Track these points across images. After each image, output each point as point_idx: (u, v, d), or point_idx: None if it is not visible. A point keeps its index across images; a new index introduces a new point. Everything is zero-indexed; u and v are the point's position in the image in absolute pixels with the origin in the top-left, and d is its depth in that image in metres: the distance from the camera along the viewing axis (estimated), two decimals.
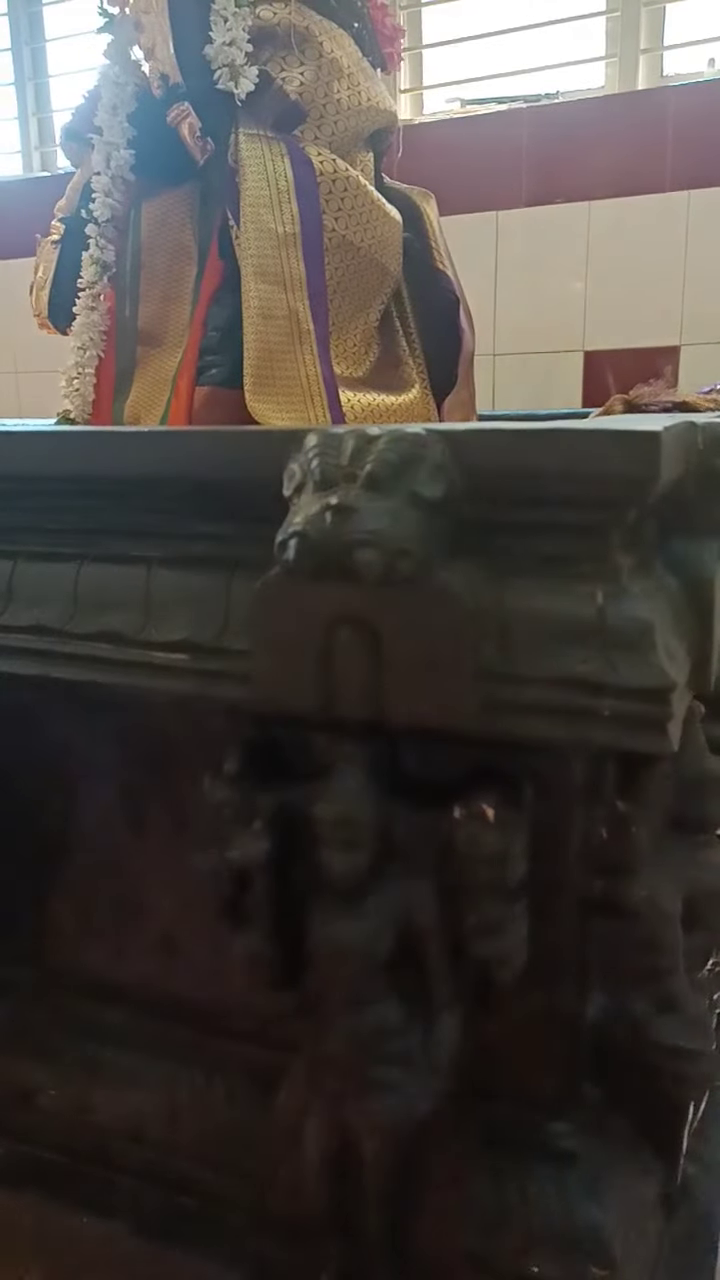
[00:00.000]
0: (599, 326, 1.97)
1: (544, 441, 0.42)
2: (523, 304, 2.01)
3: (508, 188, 1.97)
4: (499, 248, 2.01)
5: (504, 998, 0.50)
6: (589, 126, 1.92)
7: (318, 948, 0.46)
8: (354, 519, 0.41)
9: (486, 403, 2.05)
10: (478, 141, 1.98)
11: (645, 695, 0.41)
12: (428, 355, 1.30)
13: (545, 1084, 0.53)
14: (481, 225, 2.00)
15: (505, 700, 0.43)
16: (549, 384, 2.05)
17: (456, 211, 2.01)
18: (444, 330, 1.29)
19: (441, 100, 2.15)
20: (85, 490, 0.53)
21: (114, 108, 1.05)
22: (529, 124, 1.94)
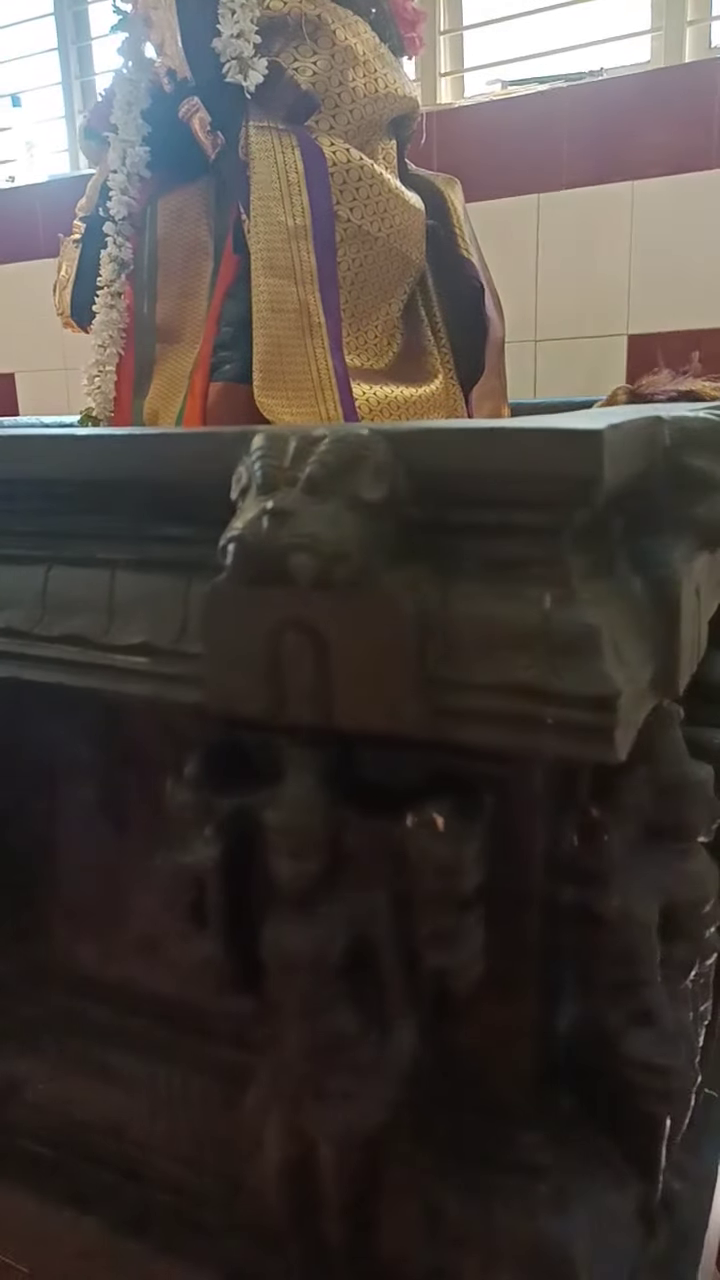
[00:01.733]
0: (644, 309, 1.92)
1: (484, 441, 0.41)
2: (565, 288, 1.97)
3: (549, 169, 1.93)
4: (540, 231, 1.97)
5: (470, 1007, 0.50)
6: (633, 103, 1.86)
7: (269, 955, 0.46)
8: (290, 523, 0.41)
9: (528, 390, 2.02)
10: (517, 123, 1.94)
11: (590, 703, 0.40)
12: (454, 344, 1.28)
13: (515, 1095, 0.52)
14: (522, 208, 1.97)
15: (450, 707, 0.42)
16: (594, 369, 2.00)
17: (497, 195, 1.98)
18: (470, 319, 1.27)
19: (483, 82, 2.11)
20: (52, 493, 0.53)
21: (128, 105, 1.05)
22: (569, 104, 1.89)
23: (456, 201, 1.27)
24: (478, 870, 0.45)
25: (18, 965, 0.67)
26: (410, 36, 1.20)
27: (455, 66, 2.13)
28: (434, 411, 1.19)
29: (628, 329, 1.95)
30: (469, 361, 1.27)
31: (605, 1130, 0.53)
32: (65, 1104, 0.61)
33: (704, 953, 0.55)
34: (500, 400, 1.43)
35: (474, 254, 1.27)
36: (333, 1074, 0.46)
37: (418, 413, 1.14)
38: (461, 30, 2.10)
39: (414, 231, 1.17)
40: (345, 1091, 0.46)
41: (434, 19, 2.10)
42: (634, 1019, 0.51)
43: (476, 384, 1.29)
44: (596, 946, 0.51)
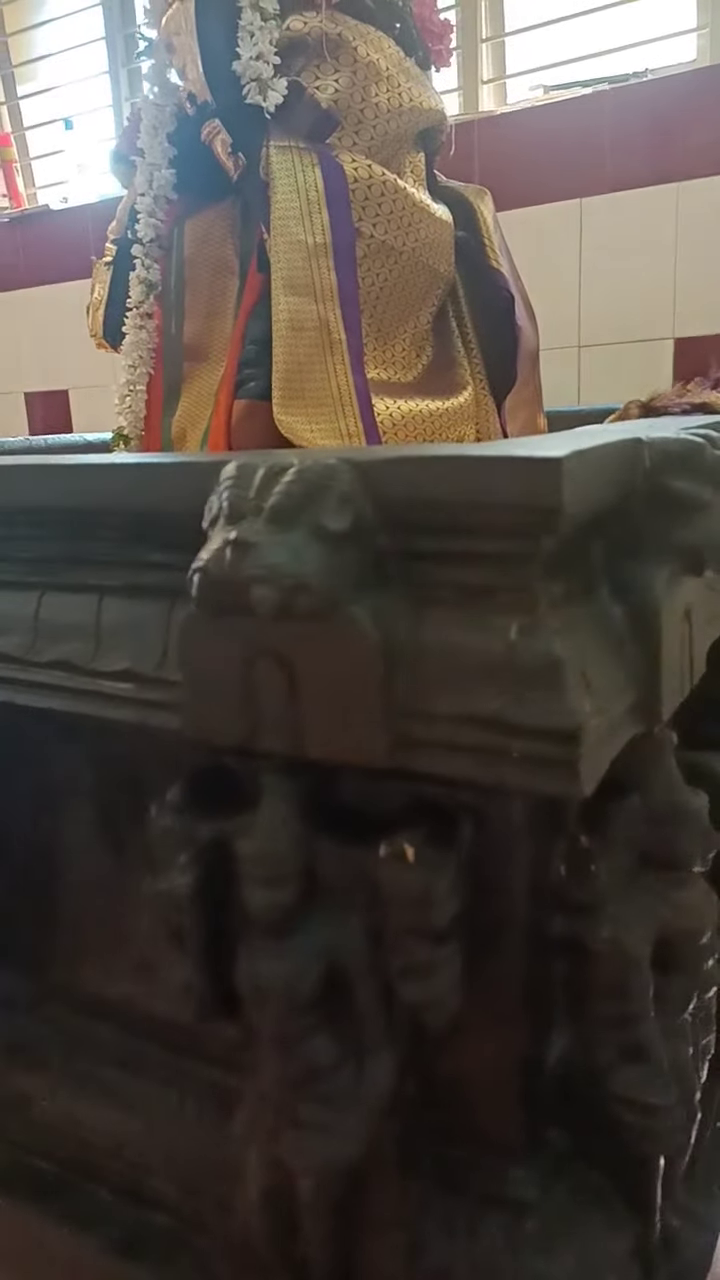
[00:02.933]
0: (691, 311, 1.88)
1: (446, 469, 0.40)
2: (609, 292, 1.94)
3: (591, 173, 1.91)
4: (583, 236, 1.95)
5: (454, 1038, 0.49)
6: (679, 103, 1.83)
7: (242, 984, 0.46)
8: (251, 554, 0.41)
9: (571, 397, 1.99)
10: (559, 128, 1.93)
11: (552, 736, 0.39)
12: (485, 355, 1.27)
13: (503, 1128, 0.51)
14: (565, 214, 1.95)
15: (416, 737, 0.42)
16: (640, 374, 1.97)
17: (539, 201, 1.97)
18: (501, 329, 1.26)
19: (526, 88, 2.10)
20: (44, 521, 0.54)
21: (155, 129, 1.07)
22: (613, 106, 1.87)
23: (486, 212, 1.26)
24: (452, 902, 0.44)
25: (28, 983, 0.68)
26: (437, 49, 1.19)
27: (497, 73, 2.11)
28: (462, 423, 1.19)
29: (674, 332, 1.91)
30: (501, 372, 1.26)
31: (598, 1167, 0.52)
32: (68, 1122, 0.62)
33: (703, 986, 0.53)
34: (535, 409, 1.41)
35: (504, 264, 1.26)
36: (308, 1104, 0.46)
37: (444, 425, 1.14)
38: (504, 37, 2.09)
39: (441, 244, 1.17)
40: (321, 1123, 0.46)
41: (476, 26, 2.09)
42: (624, 1054, 0.50)
43: (509, 394, 1.28)
44: (586, 979, 0.50)
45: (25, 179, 2.79)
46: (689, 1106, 0.53)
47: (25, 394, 2.76)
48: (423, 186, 1.22)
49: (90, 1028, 0.64)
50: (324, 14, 1.01)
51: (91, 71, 2.52)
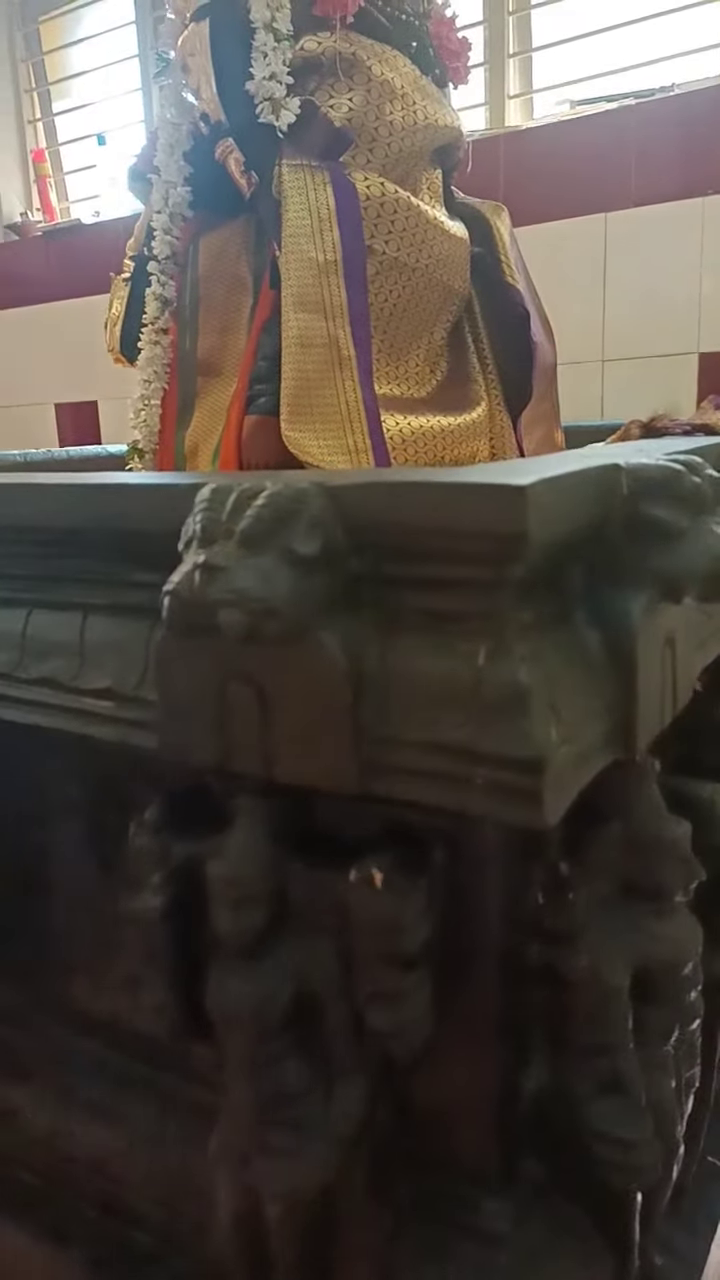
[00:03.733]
0: (715, 326, 1.87)
1: (414, 495, 0.40)
2: (633, 307, 1.93)
3: (617, 188, 1.90)
4: (607, 251, 1.94)
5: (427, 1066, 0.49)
6: (702, 118, 1.82)
7: (211, 1006, 0.46)
8: (220, 578, 0.41)
9: (593, 412, 1.98)
10: (585, 143, 1.92)
11: (516, 765, 0.38)
12: (501, 371, 1.27)
13: (478, 1159, 0.51)
14: (589, 228, 1.94)
15: (385, 763, 0.41)
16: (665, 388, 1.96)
17: (563, 215, 1.96)
18: (516, 345, 1.26)
19: (552, 103, 2.10)
20: (33, 539, 0.54)
21: (171, 147, 1.08)
22: (638, 121, 1.86)
23: (503, 228, 1.26)
24: (421, 929, 0.44)
25: (19, 995, 0.68)
26: (455, 66, 1.20)
27: (524, 88, 2.11)
28: (475, 439, 1.18)
29: (699, 347, 1.90)
30: (517, 387, 1.26)
31: (575, 1199, 0.51)
32: (53, 1136, 0.62)
33: (685, 1018, 0.52)
34: (552, 424, 1.40)
35: (520, 280, 1.26)
36: (276, 1130, 0.46)
37: (456, 441, 1.14)
38: (530, 52, 2.09)
39: (456, 260, 1.17)
40: (289, 1149, 0.46)
41: (503, 42, 2.10)
42: (601, 1086, 0.49)
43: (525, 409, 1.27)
44: (563, 1008, 0.50)
45: (59, 193, 2.83)
46: (669, 1140, 0.52)
47: (55, 405, 2.79)
48: (439, 203, 1.22)
49: (77, 1042, 0.65)
50: (338, 34, 1.01)
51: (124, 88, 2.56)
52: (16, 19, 2.71)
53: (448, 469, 0.43)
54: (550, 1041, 0.51)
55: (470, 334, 1.27)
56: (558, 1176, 0.52)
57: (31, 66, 2.74)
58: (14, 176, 2.77)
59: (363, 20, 1.04)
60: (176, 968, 0.48)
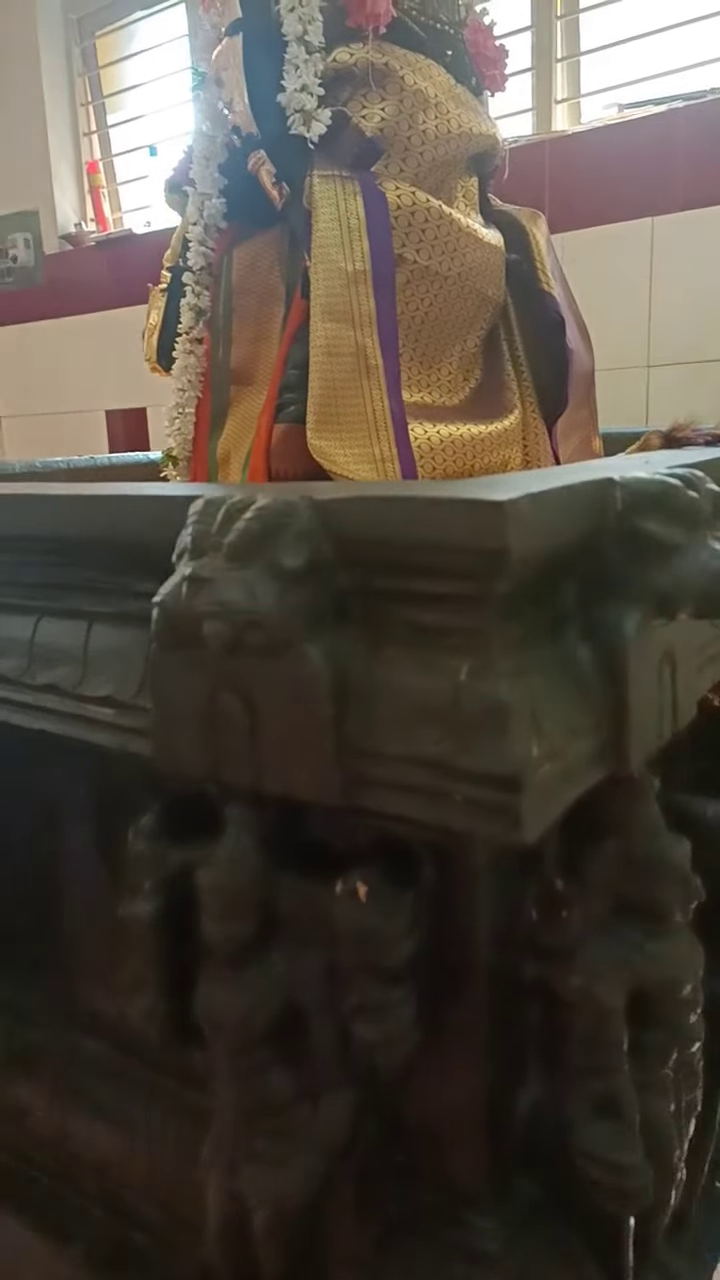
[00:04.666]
0: None
1: (399, 509, 0.40)
2: (680, 311, 1.90)
3: (664, 192, 1.88)
4: (654, 255, 1.91)
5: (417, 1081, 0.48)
6: None
7: (200, 1014, 0.46)
8: (206, 590, 0.41)
9: (639, 417, 1.95)
10: (632, 146, 1.90)
11: (494, 781, 0.38)
12: (536, 378, 1.26)
13: (468, 1176, 0.50)
14: (636, 232, 1.92)
15: (368, 776, 0.41)
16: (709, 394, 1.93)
17: (609, 220, 1.94)
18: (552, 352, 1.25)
19: (600, 106, 2.08)
20: (42, 548, 0.56)
21: (206, 159, 1.10)
22: (686, 123, 1.84)
23: (539, 235, 1.25)
24: (406, 943, 0.44)
25: (31, 994, 0.70)
26: (491, 74, 1.19)
27: (571, 93, 2.10)
28: (507, 447, 1.18)
29: None
30: (552, 394, 1.25)
31: (568, 1221, 0.50)
32: (59, 1134, 0.63)
33: (684, 1040, 0.51)
34: (590, 431, 1.39)
35: (557, 287, 1.25)
36: (262, 1138, 0.46)
37: (486, 449, 1.13)
38: (578, 56, 2.07)
39: (490, 267, 1.16)
40: (274, 1157, 0.46)
41: (551, 46, 2.08)
42: (594, 1108, 0.48)
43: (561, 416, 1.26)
44: (557, 1027, 0.49)
45: (112, 204, 2.88)
46: (666, 1166, 0.51)
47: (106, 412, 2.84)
48: (475, 210, 1.22)
49: (85, 1042, 0.66)
50: (371, 45, 1.02)
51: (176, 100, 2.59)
52: (74, 35, 2.77)
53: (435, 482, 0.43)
54: (544, 1060, 0.50)
55: (505, 341, 1.26)
56: (551, 1197, 0.51)
57: (88, 80, 2.80)
58: (69, 188, 2.83)
59: (396, 30, 1.04)
60: (168, 974, 0.48)
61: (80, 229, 2.81)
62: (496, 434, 1.16)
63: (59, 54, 2.77)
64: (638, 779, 0.50)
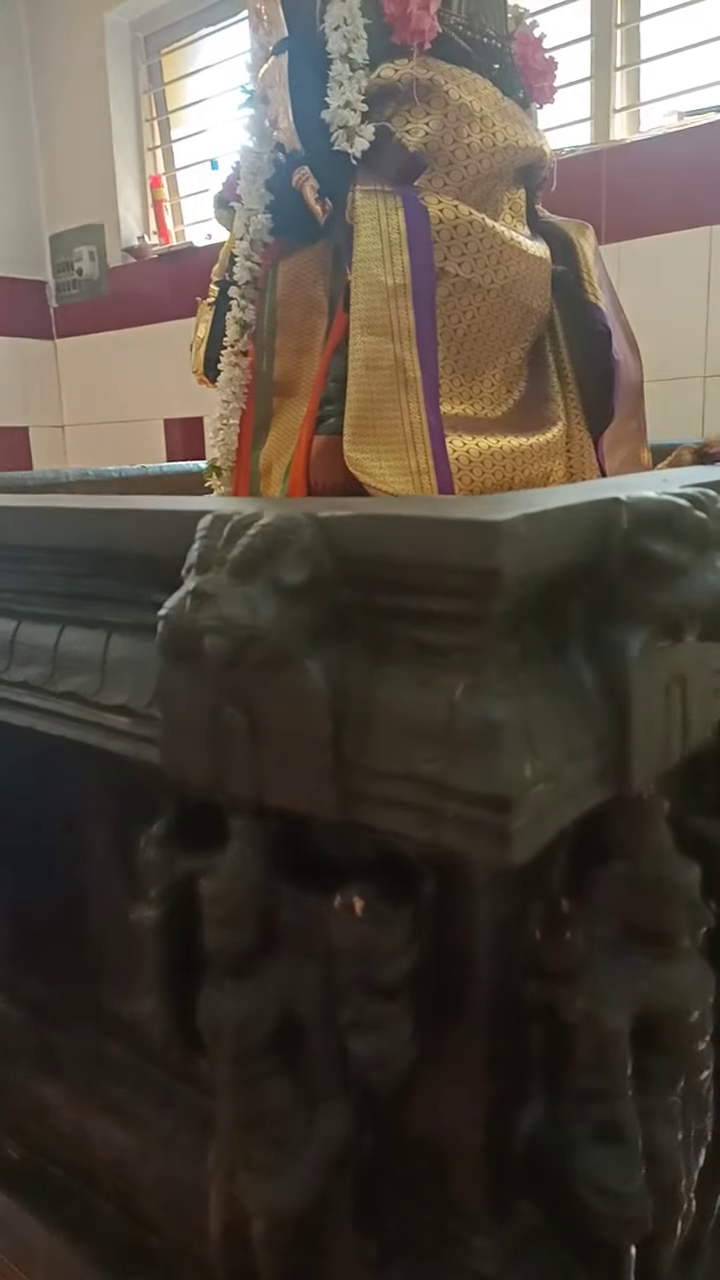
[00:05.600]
0: None
1: (397, 528, 0.40)
2: None
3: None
4: (712, 264, 1.88)
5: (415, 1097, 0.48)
6: None
7: (200, 1022, 0.47)
8: (208, 604, 0.42)
9: (695, 429, 1.92)
10: (690, 155, 1.87)
11: (485, 801, 0.38)
12: (582, 390, 1.25)
13: (467, 1195, 0.50)
14: (694, 241, 1.89)
15: (363, 792, 0.42)
16: None
17: (667, 229, 1.92)
18: (598, 363, 1.24)
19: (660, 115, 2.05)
20: (65, 559, 0.57)
21: (253, 175, 1.11)
22: None
23: (587, 247, 1.24)
24: (402, 959, 0.44)
25: (57, 994, 0.71)
26: (540, 86, 1.19)
27: (630, 101, 2.08)
28: (549, 459, 1.17)
29: None
30: (598, 406, 1.24)
31: (569, 1246, 0.50)
32: (78, 1133, 0.65)
33: (690, 1067, 0.51)
34: (638, 444, 1.38)
35: (603, 298, 1.24)
36: (258, 1147, 0.46)
37: (527, 462, 1.12)
38: (638, 65, 2.05)
39: (534, 279, 1.16)
40: (270, 1166, 0.46)
41: (610, 54, 2.07)
42: (596, 1134, 0.48)
43: (608, 429, 1.25)
44: (560, 1050, 0.49)
45: (175, 217, 2.94)
46: (671, 1194, 0.50)
47: (165, 420, 2.89)
48: (522, 222, 1.22)
49: (105, 1044, 0.67)
50: (416, 60, 1.02)
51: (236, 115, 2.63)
52: (141, 53, 2.83)
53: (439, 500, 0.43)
54: (546, 1082, 0.50)
55: (551, 352, 1.25)
56: (552, 1221, 0.50)
57: (153, 96, 2.86)
58: (133, 203, 2.89)
59: (441, 46, 1.05)
60: (171, 980, 0.49)
61: (143, 242, 2.86)
62: (538, 446, 1.15)
63: (126, 72, 2.84)
64: (646, 801, 0.49)
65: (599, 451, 1.26)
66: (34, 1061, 0.69)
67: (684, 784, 0.56)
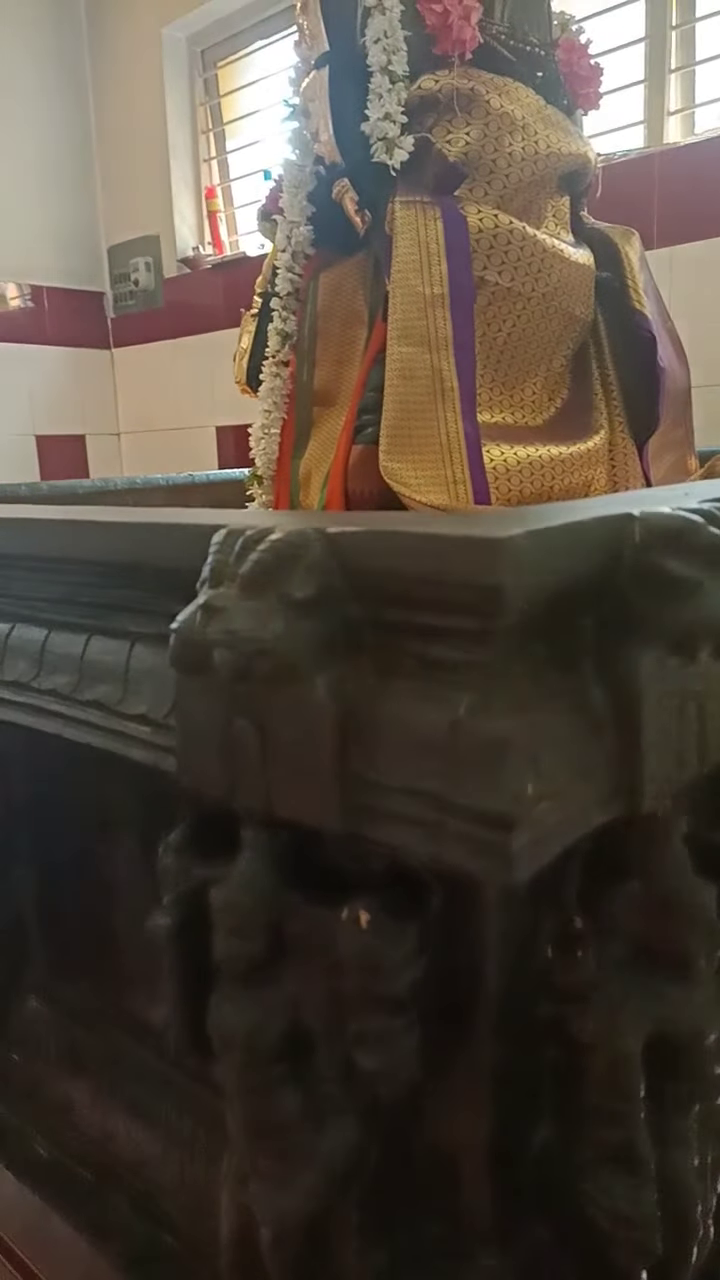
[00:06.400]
0: None
1: (404, 544, 0.40)
2: None
3: None
4: None
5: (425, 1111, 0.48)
6: None
7: (211, 1030, 0.47)
8: (218, 618, 0.43)
9: None
10: None
11: (486, 819, 0.38)
12: (626, 397, 1.24)
13: (478, 1212, 0.50)
14: None
15: (369, 806, 0.42)
16: None
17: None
18: (643, 371, 1.23)
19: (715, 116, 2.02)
20: (93, 570, 0.58)
21: (295, 188, 1.13)
22: None
23: (632, 254, 1.23)
24: (408, 972, 0.44)
25: (89, 996, 0.72)
26: (585, 93, 1.18)
27: (686, 103, 2.05)
28: (590, 468, 1.16)
29: None
30: (643, 414, 1.23)
31: (581, 1268, 0.49)
32: (102, 1133, 0.66)
33: (706, 1091, 0.50)
34: (685, 451, 1.36)
35: (649, 305, 1.22)
36: (265, 1156, 0.47)
37: (566, 470, 1.12)
38: (694, 66, 2.02)
39: (577, 286, 1.15)
40: (276, 1175, 0.47)
41: (665, 57, 2.05)
42: (607, 1156, 0.47)
43: (653, 436, 1.24)
44: (571, 1069, 0.48)
45: (229, 227, 2.97)
46: (686, 1220, 0.49)
47: (216, 428, 2.93)
48: (566, 229, 1.21)
49: (130, 1046, 0.68)
50: (457, 71, 1.03)
51: None
52: (198, 67, 2.88)
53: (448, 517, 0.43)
54: (557, 1101, 0.49)
55: (595, 360, 1.25)
56: (561, 1242, 0.50)
57: (209, 109, 2.90)
58: (189, 214, 2.93)
59: (483, 55, 1.05)
60: (186, 988, 0.50)
61: (198, 252, 2.90)
62: (579, 455, 1.14)
63: (183, 85, 2.88)
64: (661, 820, 0.48)
65: (643, 459, 1.25)
66: (63, 1061, 0.70)
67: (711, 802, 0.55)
